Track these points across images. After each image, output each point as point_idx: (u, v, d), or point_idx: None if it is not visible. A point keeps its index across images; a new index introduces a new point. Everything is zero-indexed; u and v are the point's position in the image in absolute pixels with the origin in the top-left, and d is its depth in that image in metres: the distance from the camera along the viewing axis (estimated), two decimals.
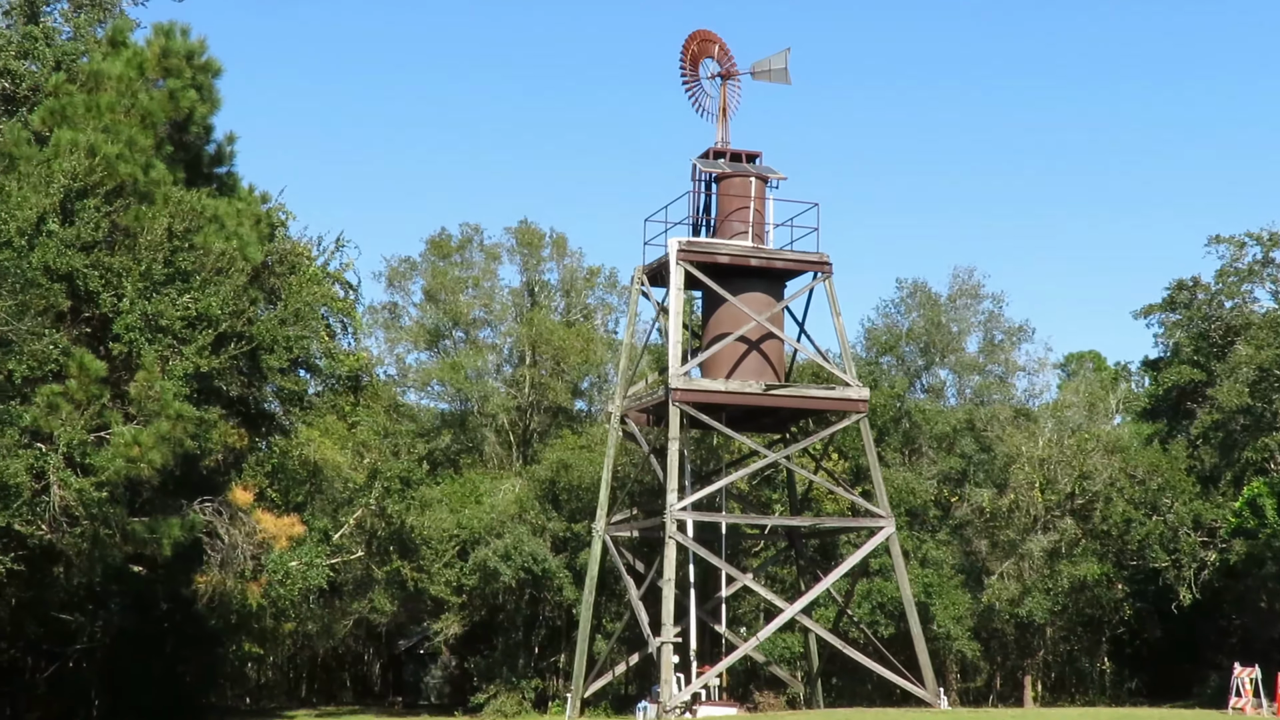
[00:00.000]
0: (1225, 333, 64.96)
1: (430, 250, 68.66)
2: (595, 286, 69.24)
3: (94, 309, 31.11)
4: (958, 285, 69.25)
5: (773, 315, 42.46)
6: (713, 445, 57.00)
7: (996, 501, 62.94)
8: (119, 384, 30.54)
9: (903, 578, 43.49)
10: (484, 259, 68.50)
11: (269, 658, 73.03)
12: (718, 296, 42.40)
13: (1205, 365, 65.13)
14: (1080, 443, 62.43)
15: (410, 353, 69.10)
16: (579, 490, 57.59)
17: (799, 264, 42.83)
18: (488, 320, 68.23)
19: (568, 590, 56.65)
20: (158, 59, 33.65)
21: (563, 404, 65.39)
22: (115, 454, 29.13)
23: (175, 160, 33.65)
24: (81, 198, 30.86)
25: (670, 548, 40.24)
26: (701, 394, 41.13)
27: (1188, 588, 58.02)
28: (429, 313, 68.19)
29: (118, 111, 32.06)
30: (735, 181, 42.94)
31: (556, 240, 68.35)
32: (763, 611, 57.58)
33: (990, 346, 69.26)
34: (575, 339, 63.87)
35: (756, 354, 42.45)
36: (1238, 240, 64.40)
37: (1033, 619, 60.99)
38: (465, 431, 67.41)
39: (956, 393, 69.97)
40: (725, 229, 42.89)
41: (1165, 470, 60.55)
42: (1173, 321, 67.37)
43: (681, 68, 44.07)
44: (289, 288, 37.76)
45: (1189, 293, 66.36)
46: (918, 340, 68.68)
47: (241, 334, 32.63)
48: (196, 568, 36.19)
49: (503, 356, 67.51)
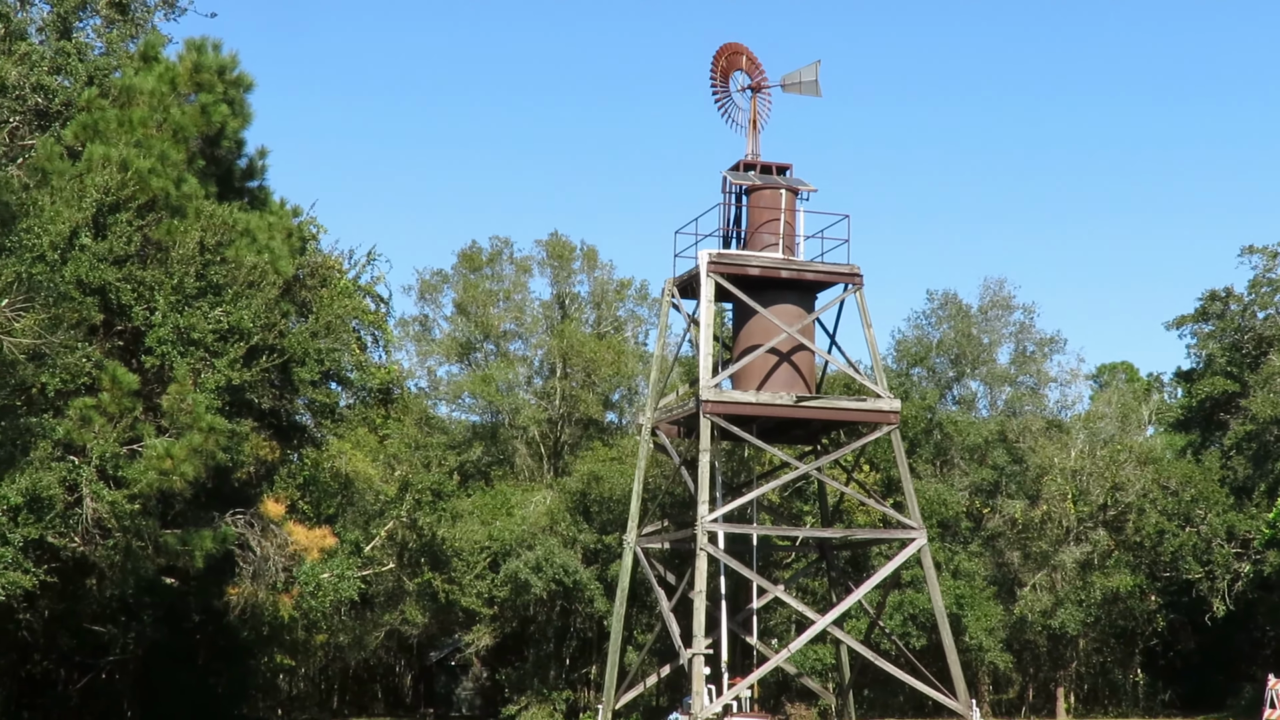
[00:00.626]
0: (1258, 343, 64.60)
1: (461, 263, 68.78)
2: (626, 299, 69.27)
3: (126, 322, 31.20)
4: (988, 296, 69.09)
5: (803, 327, 42.34)
6: (744, 457, 56.88)
7: (1029, 513, 62.67)
8: (151, 397, 30.61)
9: (934, 589, 43.28)
10: (514, 271, 68.59)
11: (301, 669, 73.08)
12: (748, 308, 42.30)
13: (1238, 376, 64.79)
14: (1113, 454, 62.14)
15: (441, 365, 69.27)
16: (610, 502, 57.55)
17: (830, 275, 42.70)
18: (518, 333, 68.31)
19: (599, 602, 56.58)
20: (190, 74, 33.75)
21: (593, 416, 65.38)
22: (148, 466, 29.19)
23: (207, 174, 33.74)
24: (114, 212, 30.96)
25: (701, 559, 40.12)
26: (732, 406, 41.02)
27: (1221, 599, 57.66)
28: (460, 325, 68.29)
29: (150, 126, 32.16)
30: (765, 193, 42.85)
31: (587, 253, 68.41)
32: (794, 623, 57.43)
33: (1021, 358, 69.05)
34: (606, 351, 63.85)
35: (787, 366, 42.31)
36: (1270, 250, 64.07)
37: (1065, 630, 60.70)
38: (496, 444, 67.46)
39: (988, 404, 69.78)
40: (756, 241, 42.79)
41: (1198, 481, 60.22)
42: (1205, 332, 67.05)
43: (712, 80, 44.01)
44: (320, 301, 37.80)
45: (1221, 303, 66.03)
46: (948, 352, 68.50)
47: (273, 347, 32.67)
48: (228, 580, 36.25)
49: (533, 369, 67.56)
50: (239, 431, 31.41)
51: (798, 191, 43.12)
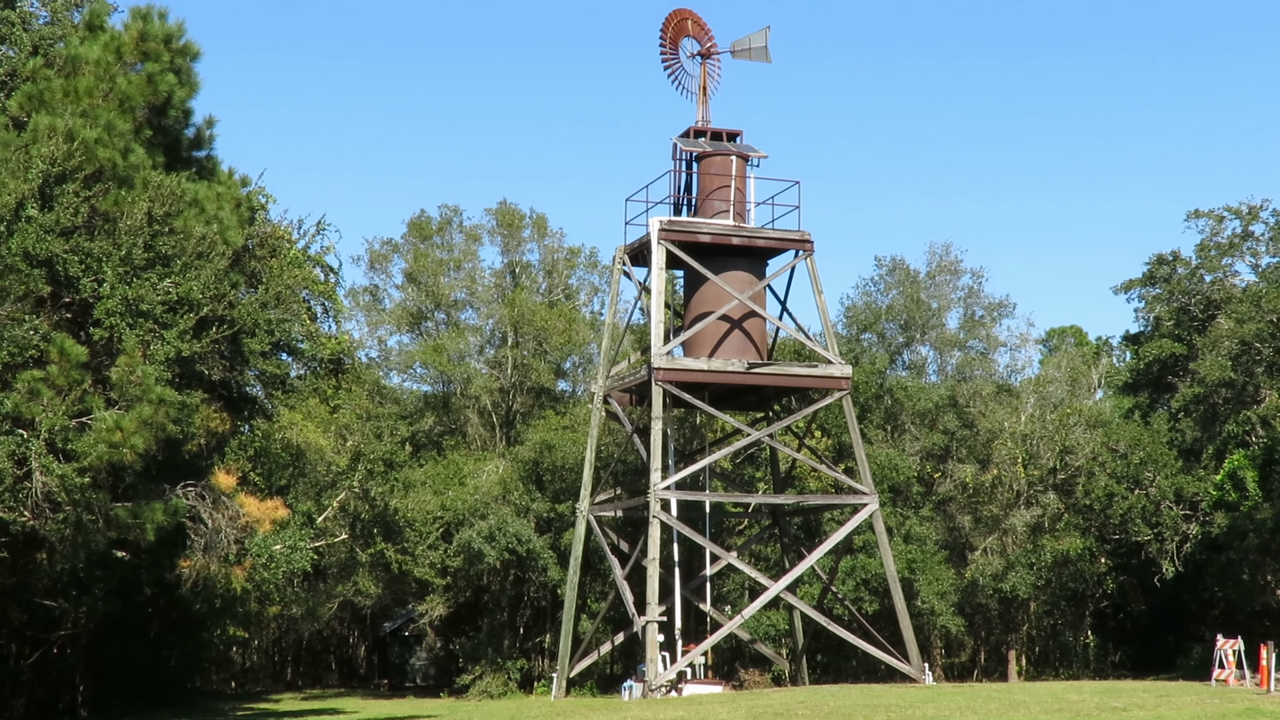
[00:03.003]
0: (1206, 307, 65.15)
1: (410, 232, 68.58)
2: (577, 267, 69.24)
3: (74, 294, 31.00)
4: (936, 262, 69.38)
5: (754, 294, 42.48)
6: (696, 424, 57.06)
7: (979, 477, 63.11)
8: (100, 369, 30.44)
9: (886, 554, 43.59)
10: (464, 240, 68.44)
11: (254, 642, 73.01)
12: (700, 276, 42.41)
13: (1186, 339, 65.35)
14: (1062, 418, 62.61)
15: (392, 335, 69.11)
16: (563, 471, 57.62)
17: (780, 242, 42.84)
18: (469, 302, 68.19)
19: (552, 571, 56.69)
20: (135, 43, 33.46)
21: (545, 385, 65.39)
22: (97, 439, 29.04)
23: (154, 144, 33.49)
24: (60, 183, 30.72)
25: (654, 527, 40.29)
26: (684, 373, 41.14)
27: (1170, 561, 58.26)
28: (410, 295, 68.13)
29: (96, 96, 31.90)
30: (716, 160, 42.93)
31: (537, 221, 68.32)
32: (747, 590, 57.71)
33: (971, 322, 69.42)
34: (557, 320, 63.85)
35: (739, 333, 42.47)
36: (1217, 214, 64.60)
37: (1016, 594, 61.21)
38: (448, 413, 67.40)
39: (938, 369, 70.14)
40: (706, 208, 42.88)
41: (1147, 444, 60.77)
42: (1153, 296, 67.56)
43: (661, 46, 44.03)
44: (270, 271, 37.63)
45: (1169, 267, 66.54)
46: (898, 317, 68.81)
47: (223, 318, 32.51)
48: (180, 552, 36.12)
49: (485, 338, 67.47)
50: (189, 403, 31.25)
51: (748, 158, 43.22)
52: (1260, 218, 64.52)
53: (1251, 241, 64.91)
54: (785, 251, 43.26)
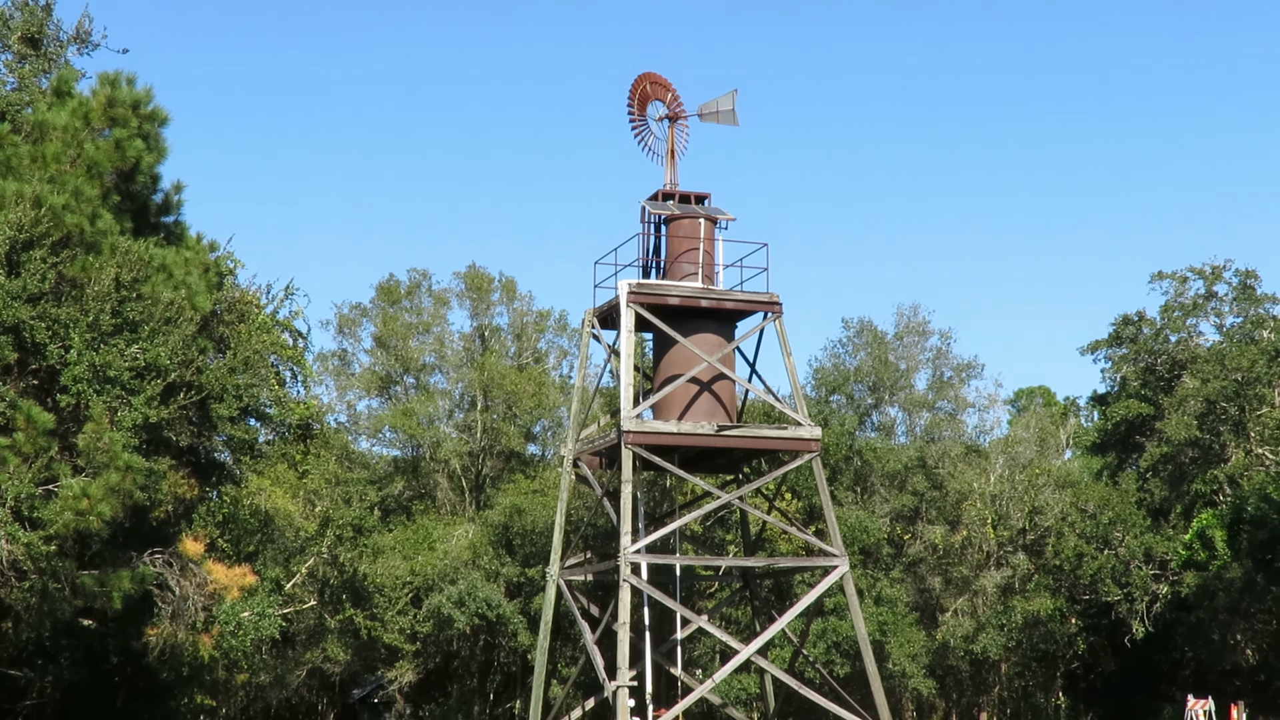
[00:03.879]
0: (1171, 366, 65.45)
1: (380, 296, 68.50)
2: (546, 330, 69.25)
3: (41, 361, 30.79)
4: (903, 323, 69.59)
5: (724, 356, 42.45)
6: (666, 487, 56.90)
7: (949, 538, 63.07)
8: (67, 436, 30.21)
9: (857, 616, 43.43)
10: (433, 304, 68.41)
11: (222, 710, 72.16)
12: (669, 338, 42.37)
13: (1153, 399, 65.59)
14: (1031, 478, 62.68)
15: (361, 399, 68.91)
16: (532, 535, 57.37)
17: (749, 304, 42.85)
18: (438, 366, 68.09)
19: (522, 636, 56.34)
20: (104, 108, 33.41)
21: (515, 448, 65.21)
22: (64, 507, 28.79)
23: (122, 210, 33.39)
24: (27, 249, 30.57)
25: (624, 591, 40.07)
26: (654, 436, 41.03)
27: (1140, 621, 58.20)
28: (379, 359, 67.98)
29: (64, 161, 31.80)
30: (684, 223, 42.98)
31: (506, 284, 68.34)
32: (718, 653, 57.42)
33: (939, 383, 69.56)
34: (527, 383, 63.77)
35: (708, 395, 42.39)
36: (1180, 275, 65.00)
37: (987, 655, 61.06)
38: (417, 477, 67.13)
39: (907, 430, 70.21)
40: (675, 270, 42.90)
41: (1116, 504, 60.85)
42: (1119, 356, 67.86)
43: (629, 110, 44.12)
44: (238, 336, 37.47)
45: (1134, 328, 66.87)
46: (866, 379, 68.93)
47: (191, 383, 32.33)
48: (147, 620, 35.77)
49: (454, 402, 67.31)
50: (156, 470, 31.03)
51: (716, 220, 43.28)
52: (1223, 278, 64.98)
53: (1215, 301, 65.32)
54: (754, 314, 43.27)
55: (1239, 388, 58.13)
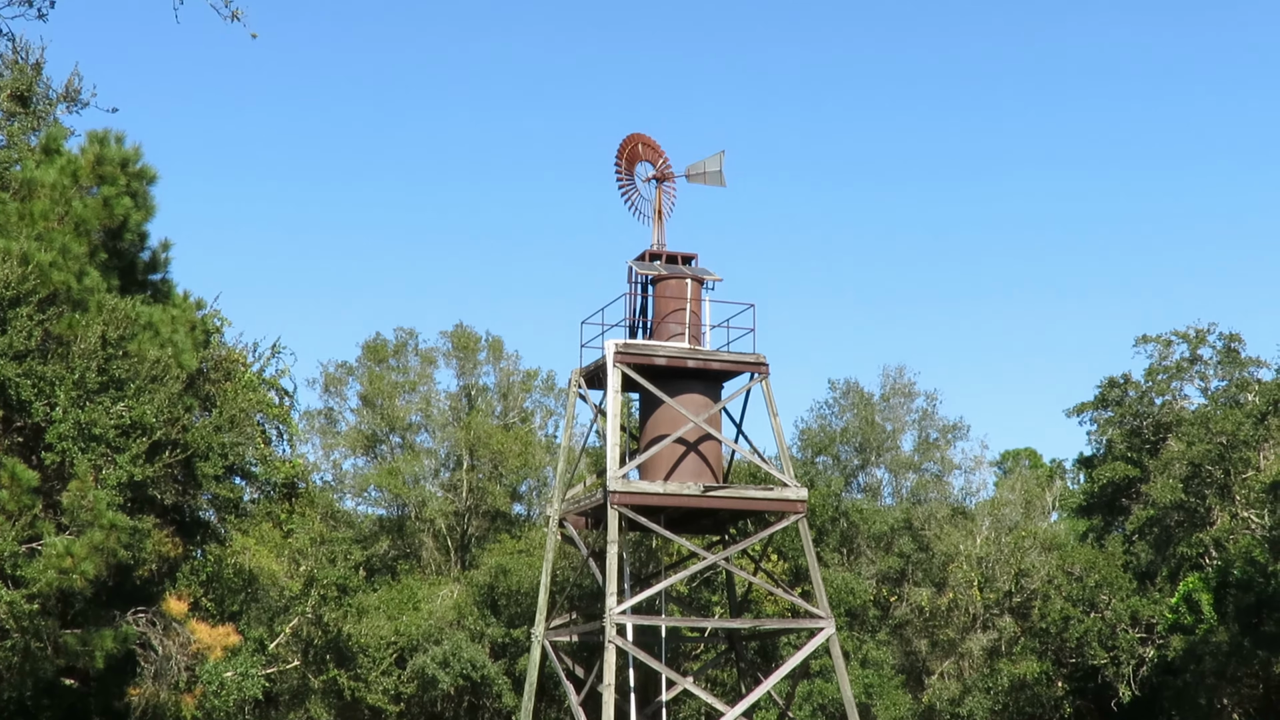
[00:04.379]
0: (1156, 429, 65.54)
1: (366, 355, 68.46)
2: (533, 390, 69.19)
3: (26, 418, 30.67)
4: (889, 384, 69.65)
5: (710, 416, 42.41)
6: (652, 548, 56.73)
7: (935, 600, 62.90)
8: (51, 494, 30.06)
9: (843, 679, 43.22)
10: (420, 363, 68.38)
11: None
12: (655, 398, 42.33)
13: (1138, 461, 65.62)
14: (1017, 540, 62.60)
15: (347, 458, 68.72)
16: (518, 595, 57.12)
17: (736, 365, 42.85)
18: (425, 425, 67.99)
19: (507, 697, 56.00)
20: (92, 166, 33.44)
21: (501, 508, 65.03)
22: (47, 565, 28.60)
23: (109, 267, 33.36)
24: (14, 306, 30.51)
25: (610, 652, 39.85)
26: (640, 496, 40.92)
27: (1127, 685, 58.00)
28: (365, 418, 67.86)
29: (51, 219, 31.79)
30: (671, 284, 43.02)
31: (493, 344, 68.33)
32: (704, 715, 57.10)
33: (925, 445, 69.58)
34: (513, 442, 63.66)
35: (694, 455, 42.33)
36: (1164, 339, 65.18)
37: (974, 718, 60.76)
38: (403, 537, 66.88)
39: (893, 492, 70.19)
40: (662, 331, 42.90)
41: (1102, 567, 60.76)
42: (1105, 419, 67.94)
43: (617, 171, 44.26)
44: (224, 394, 37.39)
45: (1120, 390, 66.99)
46: (852, 440, 68.92)
47: (176, 441, 32.23)
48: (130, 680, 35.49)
49: (440, 461, 67.17)
50: (141, 528, 30.86)
51: (703, 281, 43.33)
52: (1207, 341, 65.17)
53: (1200, 365, 65.49)
54: (741, 374, 43.26)
55: (1224, 451, 58.19)
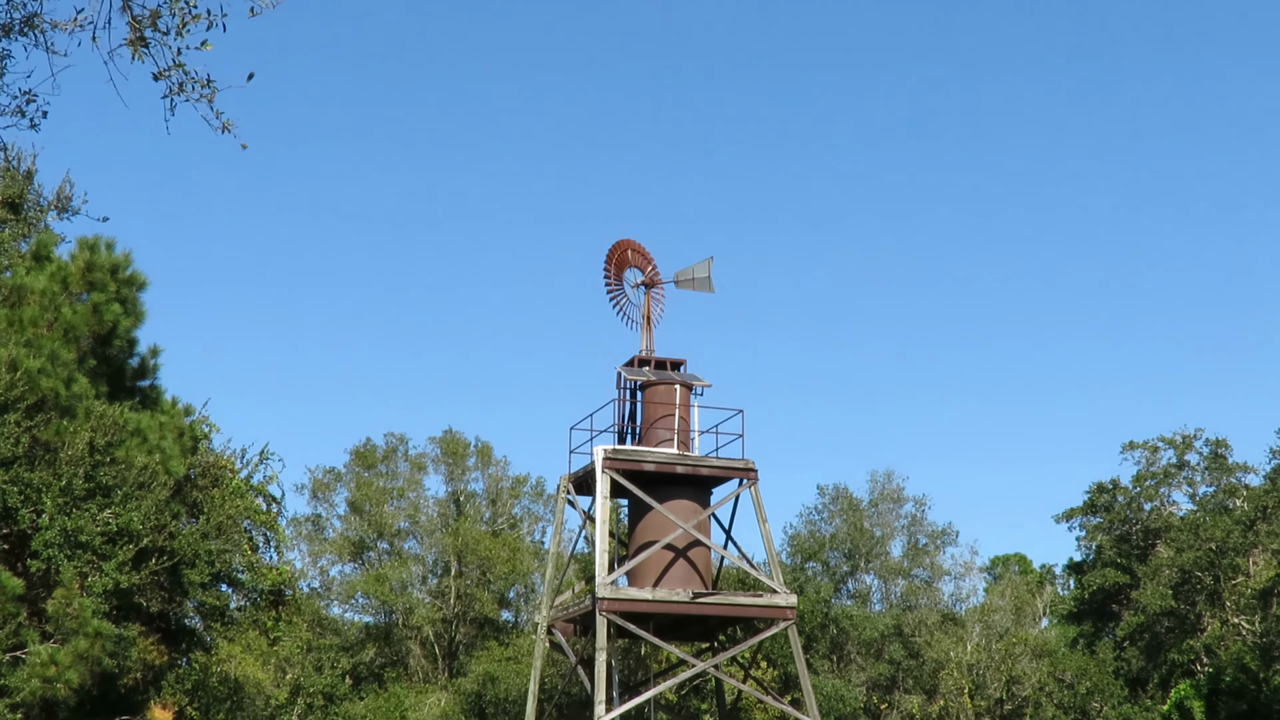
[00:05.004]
0: (1146, 535, 65.39)
1: (354, 461, 68.28)
2: (521, 496, 68.98)
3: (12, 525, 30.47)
4: (878, 490, 69.50)
5: (699, 522, 42.24)
6: (641, 655, 56.28)
7: (926, 708, 62.36)
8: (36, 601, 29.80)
9: None
10: (409, 469, 68.20)
11: None
12: (644, 504, 42.18)
13: (1128, 568, 65.41)
14: (1008, 647, 62.19)
15: (334, 565, 68.34)
16: (506, 703, 56.58)
17: (724, 471, 42.75)
18: (412, 531, 67.69)
19: None
20: (82, 273, 33.49)
21: (489, 615, 64.60)
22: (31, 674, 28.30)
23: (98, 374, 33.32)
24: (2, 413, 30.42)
25: None
26: (629, 603, 40.66)
27: None
28: (353, 524, 67.56)
29: (41, 325, 31.79)
30: (660, 389, 43.00)
31: (481, 449, 68.19)
32: None
33: (915, 551, 69.31)
34: (501, 549, 63.37)
35: (684, 561, 42.10)
36: (1151, 445, 65.19)
37: None
38: (390, 644, 66.34)
39: (883, 598, 69.80)
40: (651, 436, 42.83)
41: (1093, 674, 60.37)
42: (1094, 525, 67.80)
43: (606, 276, 44.37)
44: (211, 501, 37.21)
45: (1109, 496, 66.91)
46: (842, 546, 68.65)
47: (163, 549, 32.02)
48: None
49: (428, 567, 66.82)
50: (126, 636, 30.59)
51: (692, 387, 43.33)
52: (1194, 447, 65.18)
53: (1187, 470, 65.45)
54: (730, 480, 43.15)
55: (1213, 557, 58.03)
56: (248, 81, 14.29)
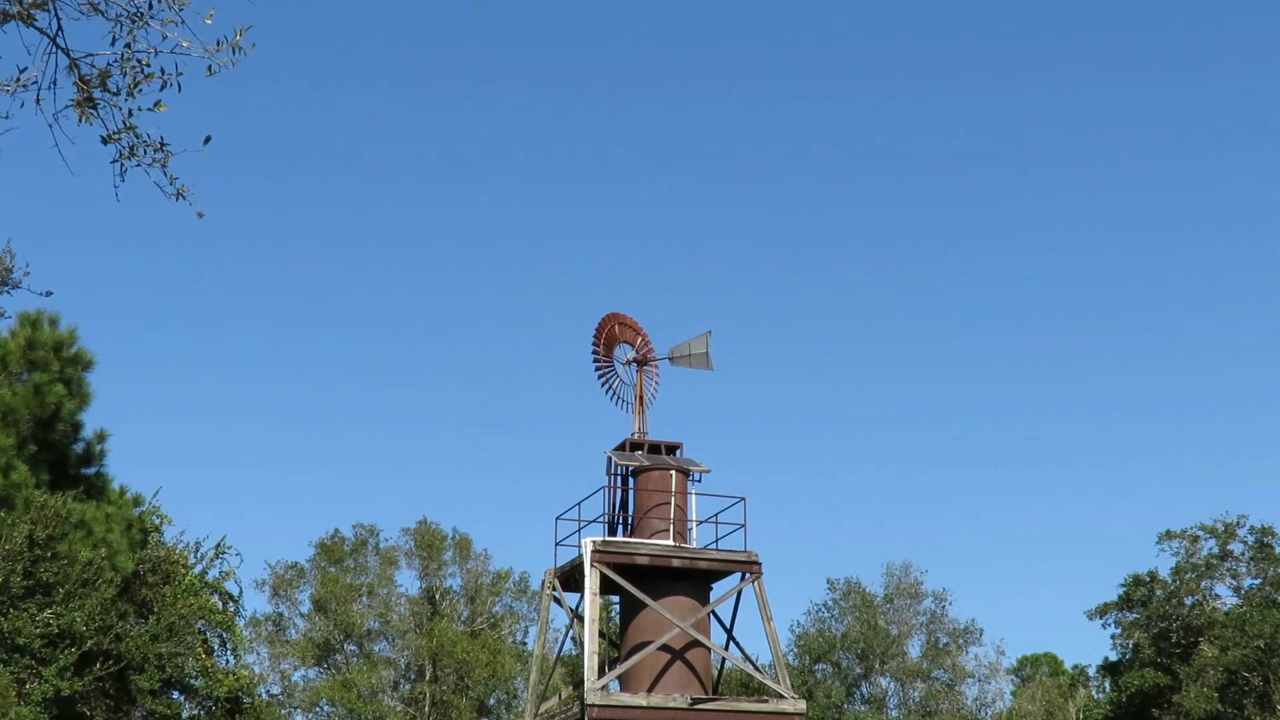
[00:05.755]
0: (1187, 632, 65.21)
1: (320, 555, 68.14)
2: (503, 592, 68.82)
3: None
4: (893, 584, 69.40)
5: (698, 621, 42.11)
6: None
7: None
8: None
9: None
10: (380, 564, 68.06)
11: None
12: (637, 601, 42.06)
13: (1169, 668, 65.18)
14: None
15: (297, 669, 68.00)
16: None
17: (725, 564, 42.66)
18: (383, 632, 67.45)
19: None
20: (23, 351, 33.57)
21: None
22: None
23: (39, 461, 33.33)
24: None
25: None
26: (621, 710, 40.48)
27: None
28: (318, 624, 67.32)
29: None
30: (654, 475, 42.97)
31: (459, 541, 68.09)
32: None
33: (935, 651, 69.13)
34: (481, 650, 63.14)
35: (681, 664, 41.95)
36: (1191, 534, 65.14)
37: None
38: None
39: (900, 703, 69.52)
40: (644, 527, 42.78)
41: None
42: (1130, 621, 67.62)
43: (595, 353, 44.44)
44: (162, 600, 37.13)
45: (1146, 589, 66.77)
46: (854, 645, 68.46)
47: (109, 652, 31.93)
48: None
49: (400, 671, 66.54)
50: None
51: (689, 473, 43.30)
52: (1238, 535, 65.14)
53: (1231, 561, 65.38)
54: (731, 574, 43.06)
55: (1262, 656, 57.88)
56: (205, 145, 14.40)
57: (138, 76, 13.81)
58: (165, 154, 14.28)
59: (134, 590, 35.65)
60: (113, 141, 14.12)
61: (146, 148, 14.21)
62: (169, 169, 14.33)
